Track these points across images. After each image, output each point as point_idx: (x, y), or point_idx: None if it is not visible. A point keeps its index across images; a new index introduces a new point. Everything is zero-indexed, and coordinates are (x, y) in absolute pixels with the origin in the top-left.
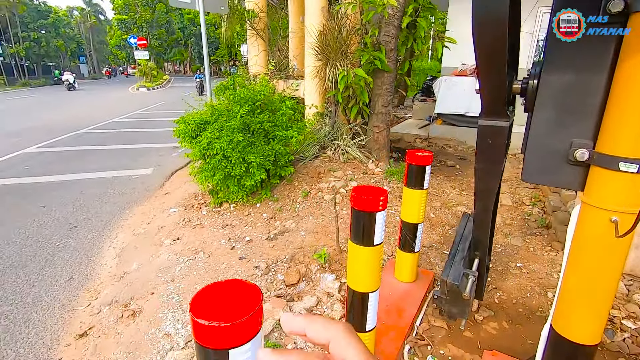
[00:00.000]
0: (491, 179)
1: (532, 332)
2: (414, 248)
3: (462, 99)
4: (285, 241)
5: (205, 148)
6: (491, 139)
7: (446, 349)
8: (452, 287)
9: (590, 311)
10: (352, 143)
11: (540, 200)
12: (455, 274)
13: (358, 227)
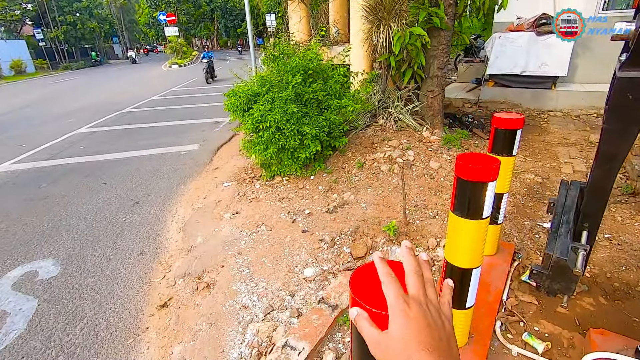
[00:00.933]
0: (623, 141)
1: (635, 308)
2: (497, 219)
3: (518, 57)
4: (347, 213)
5: (258, 121)
6: (632, 93)
7: (540, 326)
8: (558, 262)
9: None
10: (405, 110)
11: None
12: (562, 248)
13: (464, 198)
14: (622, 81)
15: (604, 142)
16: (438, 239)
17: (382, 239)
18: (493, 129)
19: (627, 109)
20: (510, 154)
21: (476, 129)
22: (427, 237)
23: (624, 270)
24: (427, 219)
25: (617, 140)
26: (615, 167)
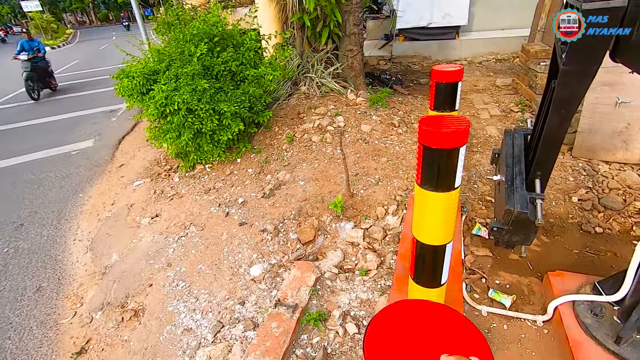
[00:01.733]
0: (581, 84)
1: (572, 241)
2: None
3: (424, 9)
4: (285, 195)
5: (162, 104)
6: (597, 29)
7: (500, 278)
8: (519, 215)
9: None
10: (327, 73)
11: (528, 104)
12: (521, 201)
13: (432, 168)
14: (588, 12)
15: (561, 86)
16: (385, 206)
17: (329, 216)
18: (433, 84)
19: (588, 47)
20: (453, 109)
21: (396, 85)
22: (374, 206)
23: (555, 206)
24: (371, 187)
25: (576, 83)
26: (572, 112)
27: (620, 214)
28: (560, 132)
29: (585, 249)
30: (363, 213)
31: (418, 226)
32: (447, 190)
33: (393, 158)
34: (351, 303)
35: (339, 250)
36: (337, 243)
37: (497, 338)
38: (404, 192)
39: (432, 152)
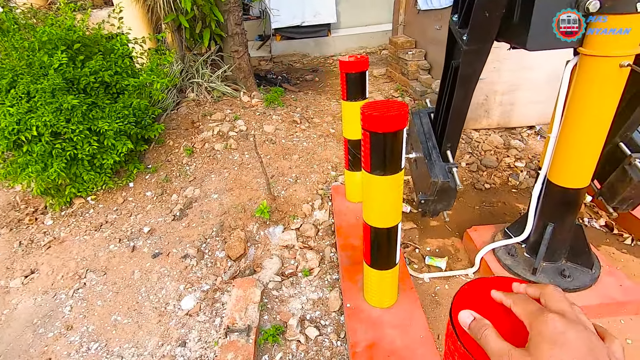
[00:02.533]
0: (480, 60)
1: (471, 199)
2: None
3: (296, 9)
4: (200, 213)
5: (14, 131)
6: (489, 10)
7: (429, 245)
8: (443, 184)
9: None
10: (215, 77)
11: (405, 89)
12: (442, 172)
13: (380, 153)
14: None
15: (464, 64)
16: (310, 202)
17: (255, 224)
18: (343, 75)
19: (483, 26)
20: (364, 97)
21: (284, 83)
22: (298, 205)
23: None
24: (291, 186)
25: (475, 60)
26: (473, 87)
27: (497, 169)
28: (465, 105)
29: (482, 204)
30: (290, 214)
31: (370, 212)
32: (395, 172)
33: (304, 154)
34: (304, 307)
35: (276, 257)
36: (271, 250)
37: (443, 299)
38: (324, 184)
39: (378, 137)
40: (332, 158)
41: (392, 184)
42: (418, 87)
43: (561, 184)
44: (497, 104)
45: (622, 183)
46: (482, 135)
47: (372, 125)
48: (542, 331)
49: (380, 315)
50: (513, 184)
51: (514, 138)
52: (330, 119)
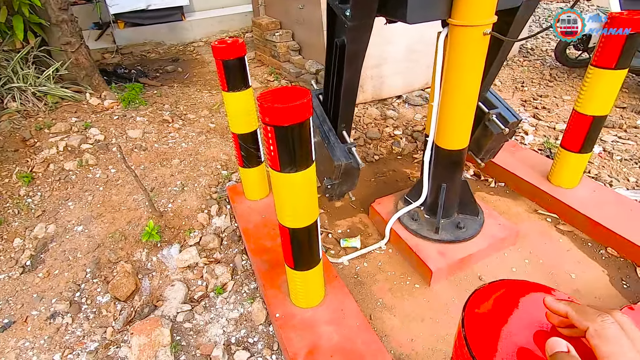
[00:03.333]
0: (365, 36)
1: (366, 173)
2: (260, 158)
3: None
4: (62, 254)
5: None
6: None
7: (339, 227)
8: (347, 166)
9: (462, 123)
10: (45, 78)
11: (279, 73)
12: (343, 154)
13: (287, 149)
14: None
15: (351, 42)
16: (205, 209)
17: (143, 251)
18: (219, 63)
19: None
20: (247, 86)
21: (142, 78)
22: (192, 215)
23: None
24: (178, 196)
25: (360, 36)
26: (361, 64)
27: (381, 140)
28: (356, 84)
29: (376, 175)
30: (184, 228)
31: (286, 214)
32: (307, 166)
33: (186, 157)
34: (226, 330)
35: (178, 283)
36: (170, 276)
37: (365, 277)
38: (217, 187)
39: (285, 131)
40: (219, 156)
41: (305, 180)
42: (292, 69)
43: (447, 147)
44: (369, 78)
45: (485, 137)
46: (361, 110)
47: (275, 118)
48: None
49: (313, 315)
50: (397, 152)
51: (388, 109)
52: (206, 112)
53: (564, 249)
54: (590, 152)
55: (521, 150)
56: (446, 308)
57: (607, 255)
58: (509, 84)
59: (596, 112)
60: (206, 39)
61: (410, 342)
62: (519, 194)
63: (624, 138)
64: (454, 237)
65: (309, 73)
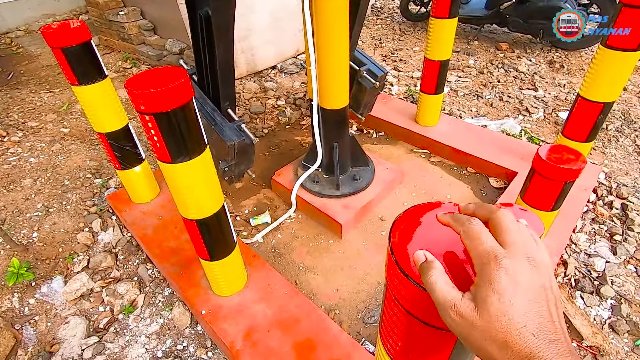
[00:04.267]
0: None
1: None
2: (140, 155)
3: None
4: None
5: None
6: None
7: (245, 207)
8: (240, 144)
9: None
10: None
11: (135, 58)
12: (234, 133)
13: (175, 137)
14: None
15: (216, 14)
16: (84, 228)
17: (15, 295)
18: (59, 53)
19: None
20: (103, 75)
21: None
22: (69, 239)
23: None
24: (43, 221)
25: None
26: (232, 35)
27: (266, 113)
28: (230, 57)
29: (270, 148)
30: (62, 255)
31: (189, 206)
32: (202, 150)
33: (40, 173)
34: (149, 347)
35: (74, 318)
36: (61, 314)
37: (282, 248)
38: (92, 199)
39: (167, 117)
40: (86, 163)
41: (203, 166)
42: (150, 52)
43: (332, 107)
44: (240, 51)
45: (360, 93)
46: (239, 86)
47: (153, 105)
48: (492, 281)
49: (241, 300)
50: (284, 122)
51: (265, 81)
52: (53, 116)
53: (438, 176)
54: (442, 92)
55: (391, 101)
56: (359, 253)
57: (468, 174)
58: (369, 42)
59: (442, 57)
60: (26, 27)
61: (336, 293)
62: (396, 139)
63: (462, 77)
64: (354, 189)
65: (172, 54)
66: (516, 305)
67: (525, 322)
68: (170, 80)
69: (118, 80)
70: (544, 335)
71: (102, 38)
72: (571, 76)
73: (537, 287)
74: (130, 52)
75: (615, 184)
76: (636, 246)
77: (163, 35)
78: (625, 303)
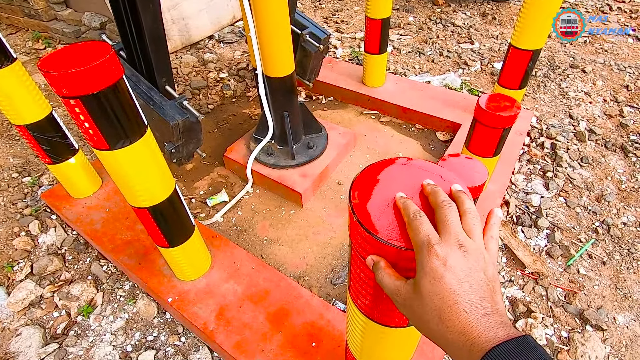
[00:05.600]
0: None
1: (208, 125)
2: (72, 145)
3: None
4: None
5: None
6: None
7: (199, 189)
8: (185, 123)
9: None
10: None
11: (49, 36)
12: (175, 111)
13: (108, 120)
14: None
15: None
16: (20, 232)
17: None
18: None
19: None
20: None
21: None
22: (4, 248)
23: None
24: None
25: None
26: (158, 4)
27: (209, 87)
28: (160, 28)
29: (218, 124)
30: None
31: (138, 194)
32: (142, 134)
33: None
34: (116, 343)
35: (26, 328)
36: (10, 327)
37: (243, 224)
38: (24, 200)
39: (97, 98)
40: (8, 161)
41: (145, 149)
42: (66, 28)
43: (277, 75)
44: (171, 22)
45: (305, 58)
46: (175, 60)
47: (76, 87)
48: (424, 265)
49: (208, 281)
50: (230, 95)
51: (203, 52)
52: None
53: (389, 135)
54: (386, 51)
55: (337, 64)
56: (321, 219)
57: (417, 130)
58: (308, 4)
59: (383, 15)
60: None
61: (303, 260)
62: (346, 102)
63: (403, 35)
64: (309, 157)
65: (92, 29)
66: (447, 285)
67: (455, 299)
68: (93, 57)
69: (32, 64)
70: (475, 311)
71: (1, 16)
72: (502, 27)
73: (467, 269)
74: (41, 30)
75: (545, 126)
76: (564, 180)
77: (77, 8)
78: (558, 231)
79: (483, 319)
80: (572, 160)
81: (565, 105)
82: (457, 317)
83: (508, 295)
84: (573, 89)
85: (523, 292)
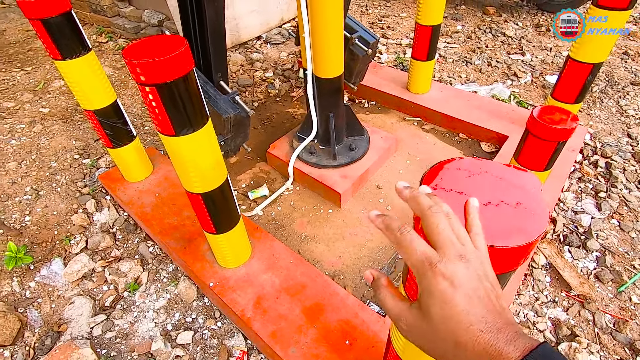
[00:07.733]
0: None
1: (253, 121)
2: (131, 132)
3: None
4: None
5: None
6: None
7: (242, 182)
8: (236, 117)
9: (335, 50)
10: None
11: (111, 31)
12: (228, 105)
13: (177, 108)
14: None
15: None
16: (78, 209)
17: (15, 279)
18: (39, 25)
19: None
20: (87, 49)
21: None
22: (64, 221)
23: None
24: (34, 204)
25: None
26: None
27: (255, 85)
28: (222, 23)
29: (262, 122)
30: (58, 238)
31: (194, 180)
32: (205, 122)
33: (24, 155)
34: (158, 321)
35: (79, 298)
36: (65, 295)
37: (282, 219)
38: (83, 180)
39: (170, 87)
40: (71, 144)
41: (206, 138)
42: (127, 25)
43: (327, 76)
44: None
45: (353, 61)
46: None
47: (154, 75)
48: (432, 289)
49: (248, 270)
50: (274, 94)
51: (251, 52)
52: (30, 96)
53: (431, 143)
54: (434, 58)
55: (381, 69)
56: (359, 221)
57: (460, 140)
58: (355, 9)
59: (433, 21)
60: None
61: (339, 260)
62: (388, 107)
63: (451, 43)
64: (350, 159)
65: (151, 26)
66: (459, 307)
67: (470, 320)
68: (170, 49)
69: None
70: (490, 328)
71: None
72: (557, 39)
73: (475, 281)
74: (104, 25)
75: (599, 144)
76: (619, 202)
77: (139, 5)
78: (609, 255)
79: (500, 335)
80: (629, 182)
81: (624, 123)
82: (475, 339)
83: (551, 316)
84: (633, 107)
85: (567, 314)
